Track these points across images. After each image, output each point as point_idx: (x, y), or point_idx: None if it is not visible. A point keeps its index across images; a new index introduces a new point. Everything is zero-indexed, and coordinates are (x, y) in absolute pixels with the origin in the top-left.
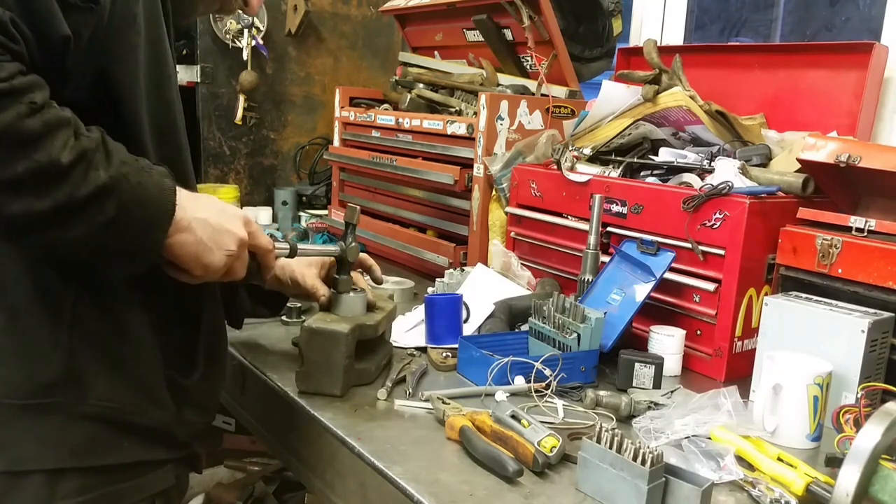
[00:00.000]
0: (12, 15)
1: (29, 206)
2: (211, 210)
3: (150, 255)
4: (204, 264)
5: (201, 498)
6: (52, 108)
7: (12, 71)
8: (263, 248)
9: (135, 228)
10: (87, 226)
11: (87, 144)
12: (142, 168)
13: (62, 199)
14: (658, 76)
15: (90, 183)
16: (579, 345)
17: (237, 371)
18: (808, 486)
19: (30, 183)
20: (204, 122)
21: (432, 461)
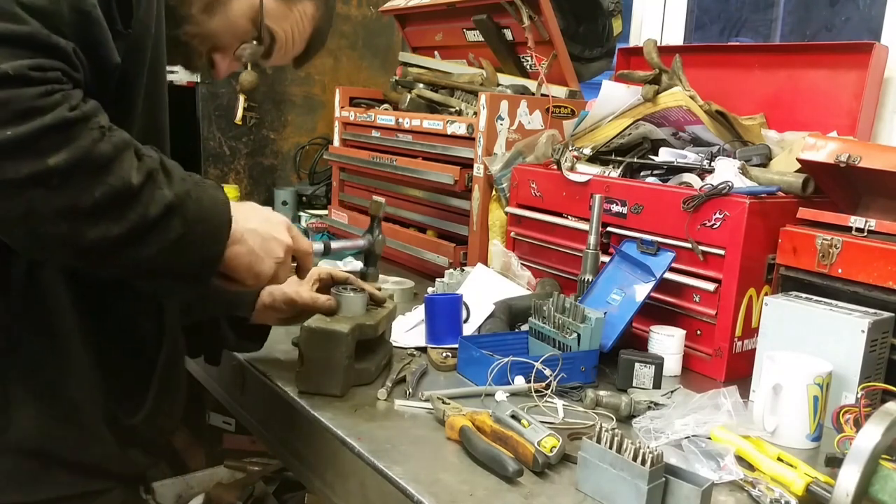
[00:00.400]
0: (75, 45)
1: (106, 230)
2: (258, 219)
3: (211, 270)
4: (256, 273)
5: (201, 498)
6: (115, 130)
7: (79, 97)
8: (304, 252)
9: (200, 244)
10: (157, 245)
11: (151, 164)
12: (197, 183)
13: (136, 220)
14: (658, 76)
15: (159, 202)
16: (579, 345)
17: (237, 371)
18: (808, 486)
19: (107, 207)
20: (204, 122)
21: (432, 461)
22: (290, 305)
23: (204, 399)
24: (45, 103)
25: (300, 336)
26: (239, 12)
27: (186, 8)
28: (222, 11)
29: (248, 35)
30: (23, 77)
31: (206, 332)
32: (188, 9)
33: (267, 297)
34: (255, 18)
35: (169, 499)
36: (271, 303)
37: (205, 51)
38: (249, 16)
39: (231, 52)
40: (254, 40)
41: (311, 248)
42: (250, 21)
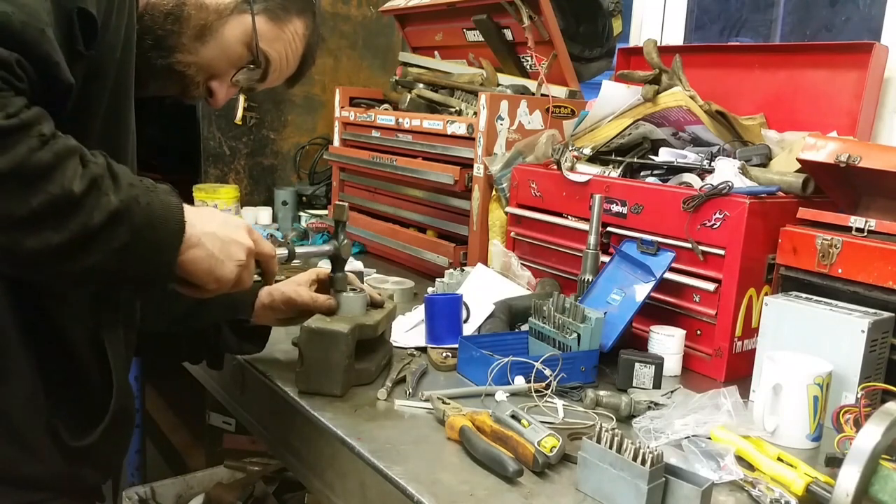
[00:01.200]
0: (18, 56)
1: (46, 239)
2: (216, 222)
3: (164, 275)
4: (217, 277)
5: (201, 498)
6: (60, 137)
7: (19, 105)
8: (267, 255)
9: (148, 250)
10: (102, 254)
11: (96, 171)
12: (147, 188)
13: (77, 229)
14: (658, 76)
15: (102, 210)
16: (579, 345)
17: (237, 371)
18: (808, 486)
19: (45, 216)
20: (204, 122)
21: (432, 461)
22: (290, 305)
23: (204, 399)
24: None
25: (300, 336)
26: (232, 38)
27: (176, 37)
28: (215, 38)
29: (243, 60)
30: None
31: (208, 337)
32: (178, 38)
33: (266, 297)
34: (249, 42)
35: (169, 499)
36: (270, 303)
37: (202, 80)
38: (243, 40)
39: (228, 79)
40: (249, 64)
41: (274, 252)
42: (244, 45)
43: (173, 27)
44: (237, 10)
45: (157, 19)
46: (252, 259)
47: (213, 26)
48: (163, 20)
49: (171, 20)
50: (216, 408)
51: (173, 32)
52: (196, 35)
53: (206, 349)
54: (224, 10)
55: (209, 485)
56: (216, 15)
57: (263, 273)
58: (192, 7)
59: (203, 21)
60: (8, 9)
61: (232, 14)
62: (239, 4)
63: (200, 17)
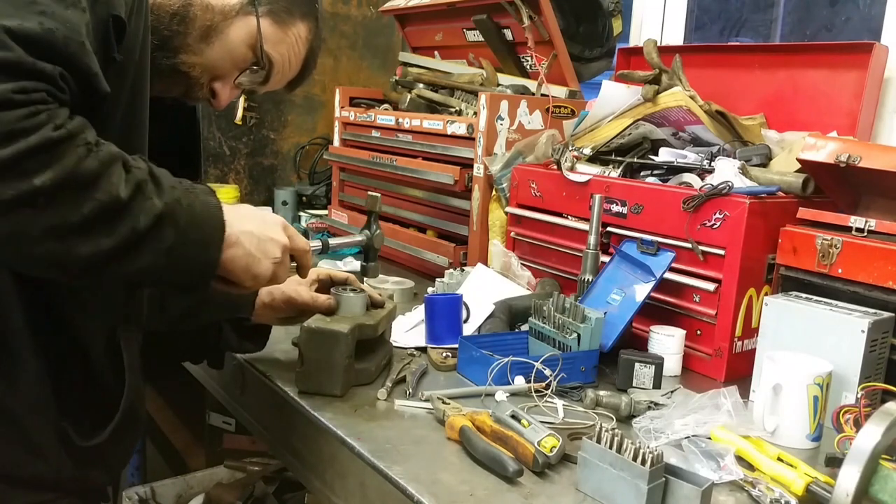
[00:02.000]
0: (62, 70)
1: (97, 245)
2: (253, 220)
3: (207, 274)
4: (254, 275)
5: (201, 498)
6: (103, 144)
7: (64, 116)
8: (302, 250)
9: (193, 250)
10: (150, 256)
11: (140, 175)
12: (187, 190)
13: (126, 233)
14: (658, 76)
15: (149, 213)
16: (579, 345)
17: (237, 371)
18: (808, 486)
19: (96, 222)
20: (204, 122)
21: (432, 461)
22: (290, 305)
23: (204, 399)
24: (29, 124)
25: (300, 336)
26: (237, 39)
27: (181, 38)
28: (220, 39)
29: (247, 62)
30: (6, 101)
31: (209, 336)
32: (183, 38)
33: (266, 296)
34: (254, 44)
35: (169, 499)
36: (270, 302)
37: (206, 81)
38: (247, 42)
39: (231, 81)
40: (253, 66)
41: (308, 247)
42: (248, 47)
43: (179, 27)
44: (242, 11)
45: (162, 19)
46: (287, 255)
47: (218, 27)
48: (168, 20)
49: (176, 20)
50: (216, 408)
51: (179, 33)
52: (201, 36)
53: (207, 348)
54: (230, 12)
55: (209, 485)
56: (222, 16)
57: (299, 267)
58: (198, 8)
59: (209, 22)
60: (53, 25)
61: (237, 16)
62: (244, 6)
63: (206, 17)
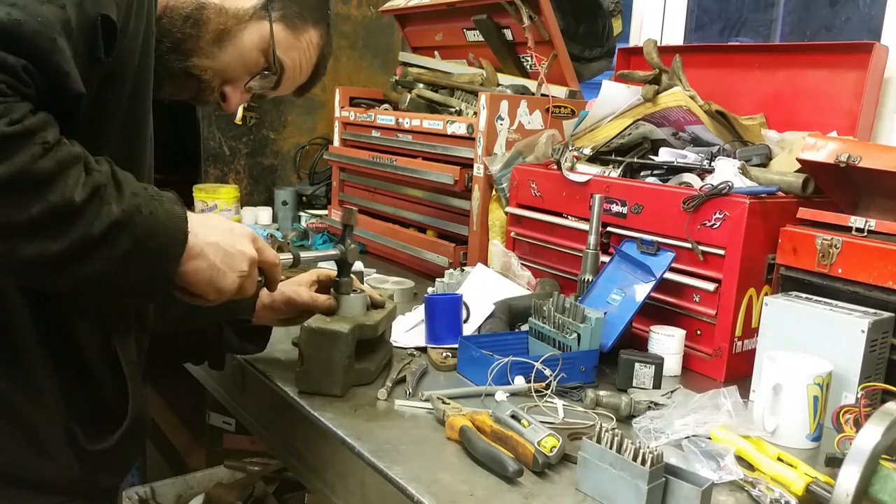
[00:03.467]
0: (25, 63)
1: (44, 247)
2: (220, 232)
3: (164, 286)
4: (218, 288)
5: (201, 498)
6: (64, 144)
7: (24, 111)
8: (271, 263)
9: (149, 260)
10: (102, 263)
11: (99, 179)
12: (151, 197)
13: (76, 238)
14: (658, 76)
15: (104, 219)
16: (579, 345)
17: (237, 371)
18: (808, 486)
19: (45, 224)
20: (204, 122)
21: (432, 461)
22: (290, 305)
23: (204, 399)
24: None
25: (300, 336)
26: (250, 43)
27: (194, 41)
28: (233, 43)
29: (259, 67)
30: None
31: (209, 337)
32: (196, 42)
33: (266, 297)
34: (266, 49)
35: (169, 499)
36: (270, 303)
37: (217, 85)
38: (260, 46)
39: (242, 85)
40: (264, 71)
41: (277, 260)
42: (261, 52)
43: (192, 31)
44: (256, 16)
45: (175, 22)
46: (255, 268)
47: (231, 31)
48: (181, 23)
49: (190, 23)
50: (216, 408)
51: (192, 36)
52: (215, 39)
53: (208, 349)
54: (243, 16)
55: (209, 485)
56: (235, 20)
57: (267, 281)
58: (211, 11)
59: (222, 26)
60: (21, 17)
61: (251, 20)
62: (258, 11)
63: (220, 21)
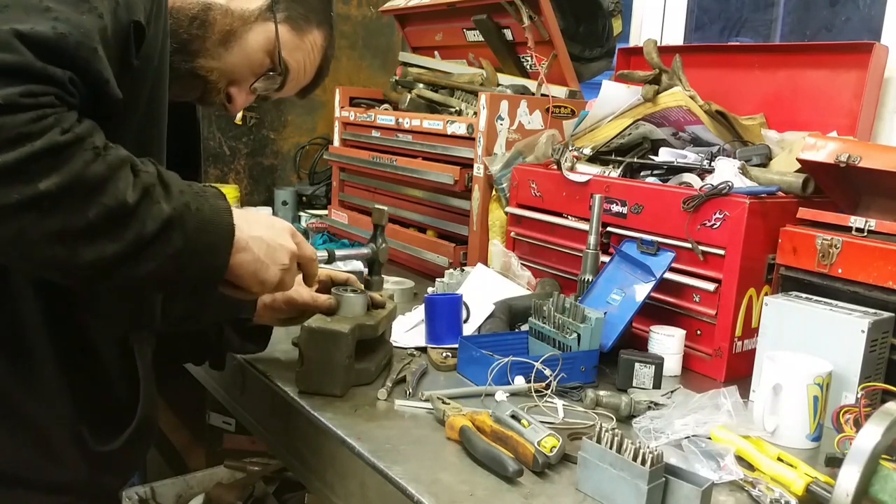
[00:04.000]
0: (71, 74)
1: (102, 250)
2: (263, 226)
3: (214, 279)
4: (261, 280)
5: (201, 498)
6: (112, 148)
7: (72, 120)
8: (309, 258)
9: (201, 255)
10: (156, 261)
11: (148, 180)
12: (197, 193)
13: (132, 238)
14: (658, 76)
15: (156, 218)
16: (579, 345)
17: (237, 371)
18: (808, 486)
19: (101, 227)
20: (204, 122)
21: (432, 461)
22: (290, 305)
23: (204, 399)
24: (36, 128)
25: (300, 336)
26: (255, 44)
27: (200, 42)
28: (239, 44)
29: (264, 68)
30: (13, 104)
31: (210, 337)
32: (202, 42)
33: (267, 297)
34: (272, 50)
35: (169, 499)
36: (271, 303)
37: (223, 86)
38: (265, 48)
39: (247, 86)
40: (269, 72)
41: (315, 255)
42: (266, 53)
43: (198, 31)
44: (261, 17)
45: (181, 23)
46: (295, 262)
47: (237, 32)
48: (188, 24)
49: (196, 24)
50: (216, 408)
51: (198, 37)
52: (221, 40)
53: (209, 349)
54: (249, 17)
55: (209, 485)
56: (241, 21)
57: (304, 275)
58: (217, 12)
59: (228, 27)
60: (65, 30)
61: (256, 21)
62: (263, 12)
63: (226, 22)
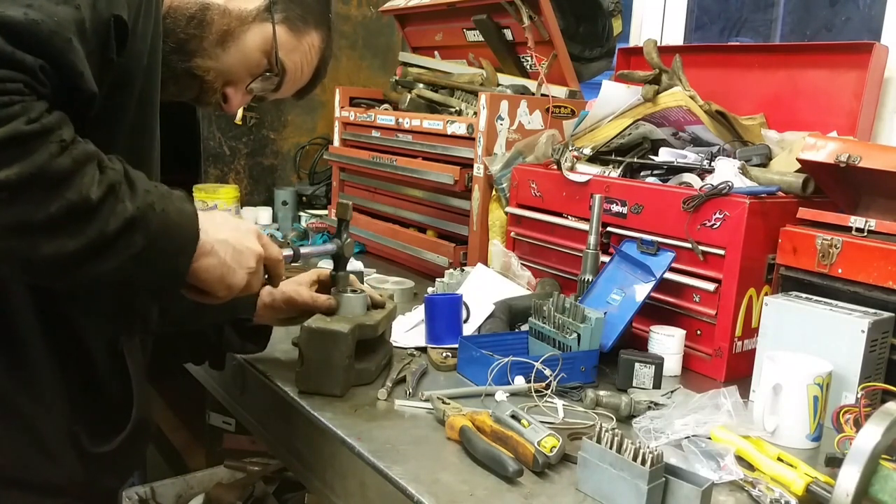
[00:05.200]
0: (42, 63)
1: (61, 246)
2: (229, 229)
3: (176, 282)
4: (228, 284)
5: (201, 498)
6: (79, 143)
7: (40, 110)
8: (275, 259)
9: (163, 257)
10: (117, 260)
11: (114, 177)
12: (162, 195)
13: (93, 235)
14: (658, 76)
15: (119, 217)
16: (579, 345)
17: (237, 371)
18: (808, 486)
19: (63, 222)
20: (204, 122)
21: (432, 461)
22: (290, 305)
23: (204, 399)
24: (1, 115)
25: (300, 336)
26: (253, 45)
27: (198, 41)
28: (236, 44)
29: (261, 68)
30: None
31: (210, 337)
32: (200, 42)
33: (266, 296)
34: (269, 51)
35: (169, 499)
36: (271, 303)
37: (219, 86)
38: (262, 48)
39: (244, 86)
40: (266, 73)
41: (281, 256)
42: (263, 54)
43: (196, 31)
44: (259, 17)
45: (179, 22)
46: (261, 264)
47: (235, 32)
48: (185, 24)
49: (193, 24)
50: (216, 408)
51: (195, 36)
52: (218, 40)
53: (209, 349)
54: (247, 17)
55: (209, 485)
56: (238, 21)
57: (270, 276)
58: (215, 12)
59: (225, 27)
60: (38, 17)
61: (254, 21)
62: (261, 13)
63: (223, 22)
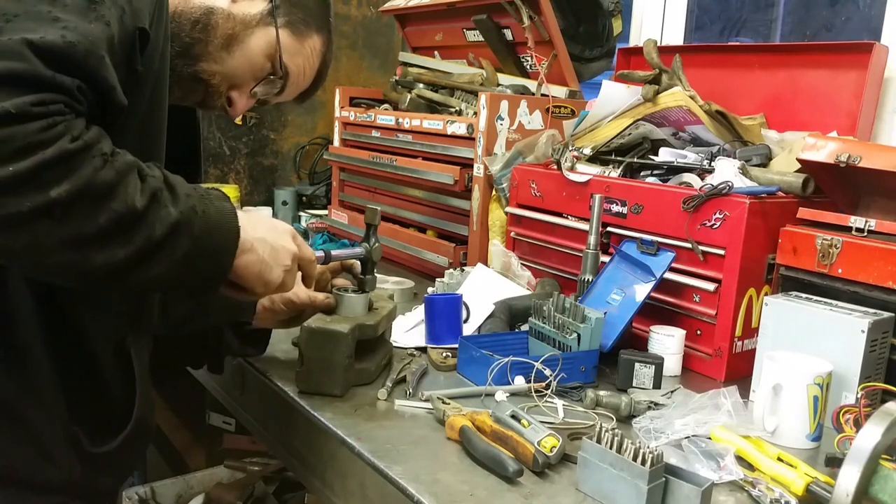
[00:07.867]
0: (79, 82)
1: (112, 255)
2: (266, 228)
3: (220, 280)
4: (265, 281)
5: (201, 498)
6: (119, 154)
7: (81, 127)
8: (308, 260)
9: (208, 257)
10: (165, 264)
11: (155, 184)
12: (202, 196)
13: (141, 242)
14: (658, 76)
15: (164, 222)
16: (579, 345)
17: (237, 371)
18: (808, 486)
19: (111, 232)
20: (204, 123)
21: (432, 461)
22: (289, 306)
23: (204, 399)
24: (47, 137)
25: (300, 336)
26: (257, 49)
27: (202, 45)
28: (240, 48)
29: (265, 72)
30: (25, 114)
31: (209, 340)
32: (205, 46)
33: (266, 299)
34: (273, 54)
35: (169, 499)
36: (270, 305)
37: (224, 89)
38: (266, 52)
39: (248, 90)
40: (270, 76)
41: (314, 257)
42: (267, 57)
43: (201, 35)
44: (263, 22)
45: (184, 27)
46: (296, 263)
47: (239, 36)
48: (190, 28)
49: (198, 28)
50: (216, 408)
51: (200, 41)
52: (223, 44)
53: (208, 352)
54: (251, 22)
55: (209, 485)
56: (243, 25)
57: (304, 276)
58: (219, 16)
59: (230, 31)
60: (74, 38)
61: (258, 25)
62: (264, 17)
63: (228, 26)
